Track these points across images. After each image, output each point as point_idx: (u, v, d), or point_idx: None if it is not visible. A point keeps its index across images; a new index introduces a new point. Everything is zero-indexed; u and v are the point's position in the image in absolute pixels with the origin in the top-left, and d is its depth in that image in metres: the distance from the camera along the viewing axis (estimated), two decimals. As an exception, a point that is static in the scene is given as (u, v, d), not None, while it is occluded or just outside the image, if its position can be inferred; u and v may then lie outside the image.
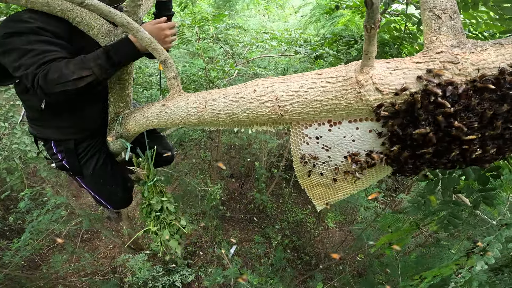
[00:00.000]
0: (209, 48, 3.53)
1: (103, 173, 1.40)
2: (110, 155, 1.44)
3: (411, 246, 4.06)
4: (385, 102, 0.72)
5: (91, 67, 0.99)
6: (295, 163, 0.94)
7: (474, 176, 1.14)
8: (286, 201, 6.47)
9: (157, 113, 1.07)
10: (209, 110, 0.91)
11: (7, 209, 5.10)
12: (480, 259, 0.88)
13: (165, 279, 4.30)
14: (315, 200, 1.06)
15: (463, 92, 0.66)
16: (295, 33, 3.24)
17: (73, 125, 1.26)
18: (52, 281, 4.25)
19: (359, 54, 2.09)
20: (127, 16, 0.95)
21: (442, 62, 0.68)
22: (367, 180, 0.93)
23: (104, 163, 1.39)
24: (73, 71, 0.98)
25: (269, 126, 0.88)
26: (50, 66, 0.97)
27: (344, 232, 6.07)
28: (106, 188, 1.45)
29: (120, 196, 1.52)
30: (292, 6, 6.68)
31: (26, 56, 0.97)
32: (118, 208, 1.68)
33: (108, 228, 5.44)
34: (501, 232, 0.95)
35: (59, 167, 1.37)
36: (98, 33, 1.08)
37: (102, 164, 1.39)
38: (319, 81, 0.76)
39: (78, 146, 1.32)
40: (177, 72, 1.08)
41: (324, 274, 4.98)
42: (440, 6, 0.75)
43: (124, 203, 1.61)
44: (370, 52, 0.70)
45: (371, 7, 0.62)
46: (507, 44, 0.67)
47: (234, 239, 5.65)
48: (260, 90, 0.82)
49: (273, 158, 6.58)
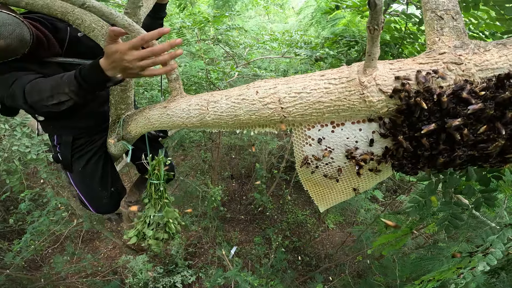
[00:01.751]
0: (209, 50, 3.53)
1: (93, 173, 1.40)
2: (106, 158, 1.43)
3: (410, 248, 4.05)
4: (389, 103, 0.71)
5: (67, 92, 0.93)
6: (297, 165, 0.94)
7: (476, 176, 1.13)
8: (287, 202, 6.47)
9: (158, 115, 1.07)
10: (211, 112, 0.91)
11: (8, 210, 5.10)
12: (482, 260, 0.87)
13: (165, 280, 4.30)
14: (317, 202, 1.06)
15: (467, 93, 0.66)
16: (295, 35, 3.24)
17: (69, 123, 1.31)
18: (53, 282, 4.25)
19: (359, 55, 2.09)
20: (128, 18, 0.95)
21: (445, 63, 0.68)
22: (369, 181, 0.93)
23: (96, 164, 1.39)
24: (52, 95, 0.94)
25: (271, 127, 0.88)
26: (27, 87, 0.97)
27: (344, 233, 6.06)
28: (93, 189, 1.43)
29: (105, 201, 1.48)
30: (292, 7, 6.69)
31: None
32: (100, 212, 1.61)
33: (108, 229, 5.44)
34: (504, 232, 0.95)
35: (54, 158, 1.39)
36: (99, 35, 1.08)
37: (93, 164, 1.38)
38: (322, 82, 0.76)
39: (75, 142, 1.35)
40: (178, 73, 1.08)
41: (324, 275, 4.98)
42: (442, 7, 0.75)
43: (107, 209, 1.56)
44: (373, 53, 0.70)
45: (374, 8, 0.62)
46: (509, 44, 0.67)
47: (235, 240, 5.65)
48: (263, 92, 0.82)
49: (273, 159, 6.58)
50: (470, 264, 0.98)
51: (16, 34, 0.96)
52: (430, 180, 1.31)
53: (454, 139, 0.69)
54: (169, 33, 2.98)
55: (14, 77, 1.02)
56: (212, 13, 3.03)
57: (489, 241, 1.05)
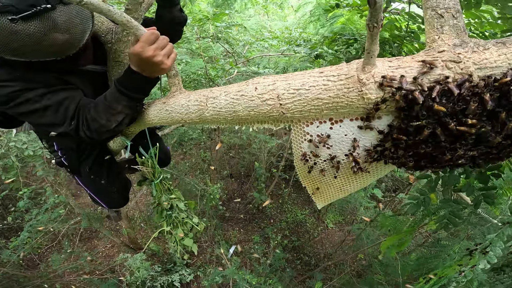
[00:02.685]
0: (209, 47, 3.52)
1: (100, 172, 1.40)
2: (107, 154, 1.44)
3: (411, 246, 4.07)
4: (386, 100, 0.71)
5: (121, 111, 0.96)
6: (296, 161, 0.93)
7: (475, 174, 1.14)
8: (286, 201, 6.48)
9: (157, 110, 1.06)
10: (210, 107, 0.91)
11: (6, 208, 5.09)
12: (483, 258, 0.88)
13: (163, 279, 4.30)
14: (315, 198, 1.06)
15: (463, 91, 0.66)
16: (295, 32, 3.24)
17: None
18: (50, 280, 4.24)
19: (358, 53, 2.09)
20: (127, 15, 0.95)
21: (444, 61, 0.68)
22: (368, 178, 0.93)
23: (101, 162, 1.40)
24: (109, 119, 0.96)
25: (270, 124, 0.88)
26: (83, 119, 0.97)
27: (343, 232, 6.07)
28: (102, 187, 1.45)
29: (115, 196, 1.51)
30: (291, 6, 6.68)
31: (46, 115, 0.95)
32: (113, 207, 1.67)
33: (107, 227, 5.44)
34: (503, 230, 0.95)
35: (58, 163, 1.38)
36: (99, 31, 1.08)
37: (99, 163, 1.39)
38: (321, 79, 0.76)
39: (80, 146, 1.33)
40: (177, 70, 1.07)
41: (324, 274, 4.99)
42: (443, 5, 0.75)
43: (119, 203, 1.61)
44: (372, 51, 0.70)
45: (374, 6, 0.62)
46: (509, 43, 0.67)
47: (234, 239, 5.65)
48: (262, 88, 0.82)
49: (272, 158, 6.58)
50: (471, 262, 0.98)
51: (80, 29, 0.88)
52: (429, 178, 1.31)
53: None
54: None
55: (56, 97, 0.95)
56: (211, 11, 3.02)
57: (488, 239, 1.05)
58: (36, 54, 0.84)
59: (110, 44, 1.09)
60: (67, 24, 0.83)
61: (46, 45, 0.82)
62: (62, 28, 0.82)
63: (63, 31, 0.83)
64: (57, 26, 0.81)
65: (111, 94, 0.96)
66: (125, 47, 1.11)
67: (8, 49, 0.79)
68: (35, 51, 0.82)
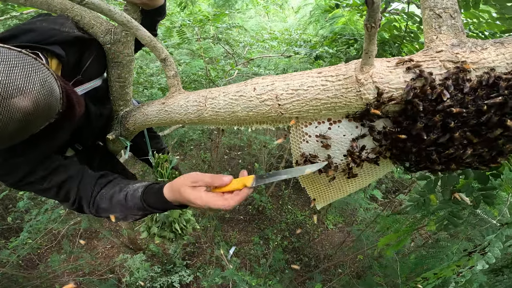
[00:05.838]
0: (209, 48, 3.53)
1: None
2: (110, 155, 1.44)
3: (411, 248, 4.06)
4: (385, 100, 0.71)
5: (140, 215, 0.97)
6: (295, 162, 0.94)
7: (474, 175, 1.13)
8: (286, 202, 6.47)
9: (157, 111, 1.07)
10: (209, 108, 0.91)
11: (6, 209, 5.09)
12: (481, 259, 0.87)
13: (163, 280, 4.29)
14: (313, 196, 1.06)
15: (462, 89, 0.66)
16: (295, 34, 3.24)
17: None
18: (49, 280, 4.24)
19: (358, 53, 2.09)
20: (127, 15, 0.95)
21: (442, 61, 0.68)
22: (367, 178, 0.93)
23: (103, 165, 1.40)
24: (126, 217, 0.97)
25: (269, 124, 0.88)
26: (90, 204, 0.97)
27: (343, 233, 6.06)
28: None
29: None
30: (292, 7, 6.70)
31: (50, 194, 0.96)
32: None
33: (107, 228, 5.43)
34: (502, 231, 0.95)
35: None
36: (98, 32, 1.08)
37: (100, 166, 1.39)
38: (319, 79, 0.76)
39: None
40: (177, 70, 1.07)
41: (324, 276, 4.97)
42: (441, 5, 0.75)
43: None
44: (370, 51, 0.70)
45: (371, 6, 0.62)
46: (507, 43, 0.67)
47: (233, 240, 5.64)
48: (260, 89, 0.82)
49: (273, 159, 6.58)
50: (469, 262, 0.98)
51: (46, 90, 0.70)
52: (429, 179, 1.31)
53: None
54: (170, 31, 2.98)
55: (57, 177, 0.93)
56: (212, 12, 3.03)
57: (487, 240, 1.05)
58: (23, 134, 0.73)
59: (109, 44, 1.10)
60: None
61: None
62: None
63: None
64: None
65: (135, 204, 0.92)
66: (124, 47, 1.12)
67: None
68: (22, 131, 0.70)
